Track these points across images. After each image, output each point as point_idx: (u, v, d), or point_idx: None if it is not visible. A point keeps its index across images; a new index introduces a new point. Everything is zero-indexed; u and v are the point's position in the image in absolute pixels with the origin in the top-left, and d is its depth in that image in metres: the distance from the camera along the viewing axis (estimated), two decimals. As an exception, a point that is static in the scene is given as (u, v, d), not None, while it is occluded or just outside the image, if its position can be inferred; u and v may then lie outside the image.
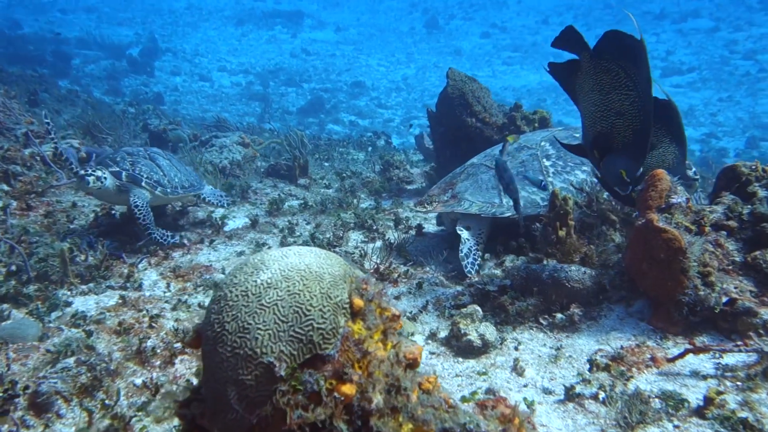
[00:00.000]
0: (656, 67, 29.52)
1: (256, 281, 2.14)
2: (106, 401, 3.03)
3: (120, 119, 9.64)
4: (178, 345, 3.54)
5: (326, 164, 9.12)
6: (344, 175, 8.02)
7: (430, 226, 5.73)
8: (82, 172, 4.69)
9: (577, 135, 4.80)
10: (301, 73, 30.84)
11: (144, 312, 3.98)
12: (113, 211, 5.43)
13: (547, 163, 4.76)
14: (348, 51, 36.33)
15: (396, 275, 4.41)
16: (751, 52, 29.71)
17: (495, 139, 6.40)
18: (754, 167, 3.52)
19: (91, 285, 4.33)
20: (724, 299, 3.15)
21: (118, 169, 4.85)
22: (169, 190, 5.07)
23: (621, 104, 3.22)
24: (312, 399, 1.99)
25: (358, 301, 2.20)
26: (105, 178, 4.75)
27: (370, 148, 11.39)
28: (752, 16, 34.67)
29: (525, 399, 2.97)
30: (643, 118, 3.13)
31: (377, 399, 2.06)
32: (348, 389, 2.00)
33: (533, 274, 3.80)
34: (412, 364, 2.28)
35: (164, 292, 4.38)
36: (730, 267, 3.24)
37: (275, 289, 2.08)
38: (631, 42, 3.10)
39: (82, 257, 4.49)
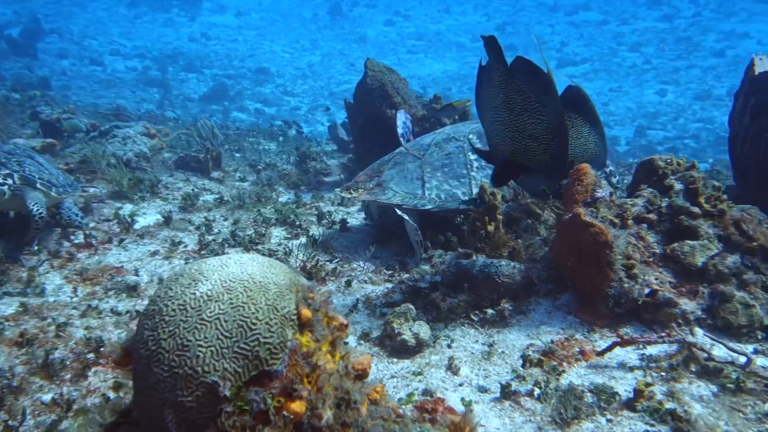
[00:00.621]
0: (552, 57, 30.81)
1: (195, 294, 1.99)
2: (9, 422, 2.76)
3: (3, 107, 8.85)
4: (91, 355, 3.28)
5: (237, 155, 8.81)
6: (258, 167, 7.77)
7: (354, 221, 5.65)
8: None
9: None
10: (202, 58, 29.73)
11: (49, 320, 3.67)
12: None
13: (472, 157, 4.77)
14: (251, 36, 35.40)
15: (323, 273, 4.30)
16: (636, 45, 31.62)
17: (415, 131, 6.39)
18: (669, 161, 3.68)
19: (-15, 292, 3.94)
20: (647, 291, 3.28)
21: (7, 171, 4.40)
22: (61, 190, 4.71)
23: (534, 128, 3.18)
24: (259, 419, 1.88)
25: (306, 312, 2.11)
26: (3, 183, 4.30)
27: (281, 138, 11.13)
28: (637, 10, 36.86)
29: (462, 399, 2.97)
30: (558, 143, 3.13)
31: (327, 415, 1.97)
32: (297, 406, 1.90)
33: (463, 269, 3.81)
34: (361, 375, 2.20)
35: (71, 298, 4.05)
36: (651, 259, 3.38)
37: (217, 302, 1.95)
38: (541, 73, 3.10)
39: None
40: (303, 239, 5.10)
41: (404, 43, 34.56)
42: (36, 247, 4.49)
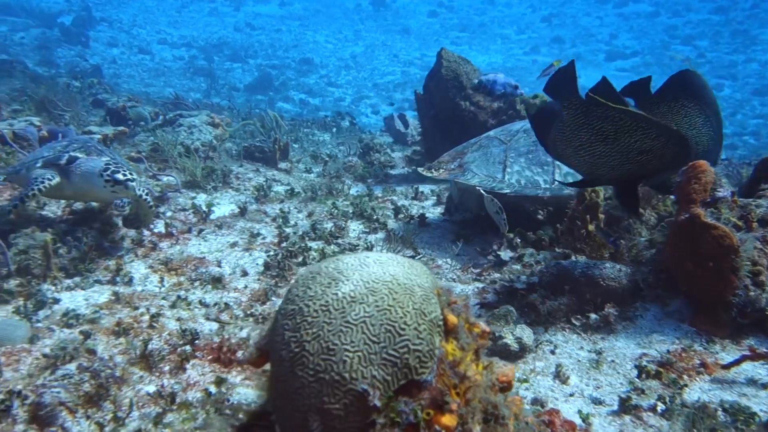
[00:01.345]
0: (600, 50, 30.10)
1: (337, 294, 1.88)
2: (118, 413, 2.71)
3: (70, 95, 8.93)
4: (187, 348, 3.21)
5: (295, 146, 8.73)
6: (320, 158, 7.68)
7: (430, 215, 5.49)
8: (122, 176, 4.06)
9: None
10: (246, 48, 29.84)
11: (141, 310, 3.66)
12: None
13: None
14: (294, 26, 35.39)
15: (409, 271, 4.15)
16: (690, 38, 30.64)
17: (490, 124, 6.21)
18: None
19: (77, 279, 3.93)
20: None
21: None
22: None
23: (641, 144, 3.02)
24: (408, 432, 1.75)
25: (452, 318, 1.97)
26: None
27: (334, 129, 11.03)
28: (690, 2, 35.71)
29: (580, 412, 2.81)
30: (678, 148, 2.97)
31: (476, 430, 1.84)
32: (448, 420, 1.77)
33: (564, 271, 3.63)
34: (505, 388, 2.07)
35: (158, 288, 4.03)
36: (779, 266, 3.16)
37: (361, 304, 1.83)
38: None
39: (65, 249, 4.05)
40: (381, 234, 4.98)
41: (447, 35, 34.12)
42: (120, 236, 4.45)
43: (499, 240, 4.47)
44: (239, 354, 3.24)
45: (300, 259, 4.41)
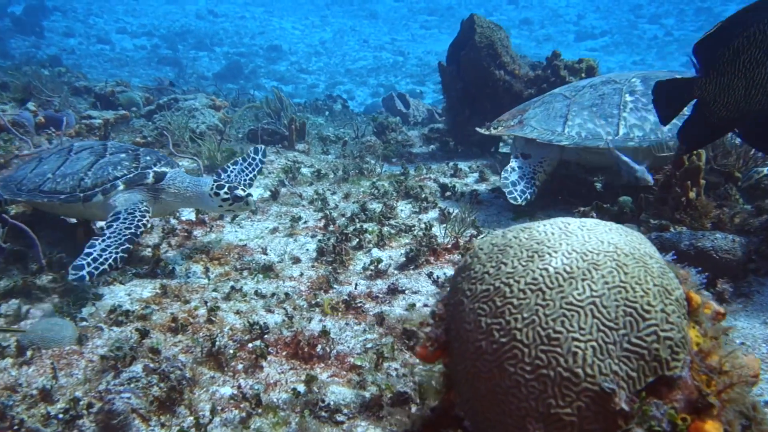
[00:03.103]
0: (569, 31, 30.13)
1: (547, 270, 1.50)
2: (199, 419, 2.28)
3: (53, 81, 8.25)
4: (258, 342, 2.81)
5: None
6: (329, 140, 7.23)
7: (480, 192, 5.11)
8: (242, 191, 3.66)
9: (679, 77, 4.34)
10: (211, 36, 28.94)
11: (195, 303, 3.25)
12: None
13: (629, 98, 4.38)
14: (258, 13, 34.52)
15: (484, 251, 3.77)
16: (656, 16, 30.92)
17: (525, 95, 5.84)
18: None
19: (114, 273, 3.43)
20: None
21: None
22: None
23: None
24: (665, 444, 1.37)
25: (695, 296, 1.60)
26: None
27: (327, 113, 10.56)
28: (652, -18, 36.05)
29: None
30: None
31: (741, 440, 1.47)
32: (712, 428, 1.39)
33: (668, 243, 3.29)
34: (752, 383, 1.69)
35: (204, 279, 3.59)
36: None
37: (584, 280, 1.44)
38: None
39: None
40: (433, 213, 4.58)
41: (416, 19, 33.74)
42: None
43: (569, 215, 4.12)
44: (318, 348, 2.83)
45: (355, 242, 3.99)
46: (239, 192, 3.62)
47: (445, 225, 4.28)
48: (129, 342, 2.69)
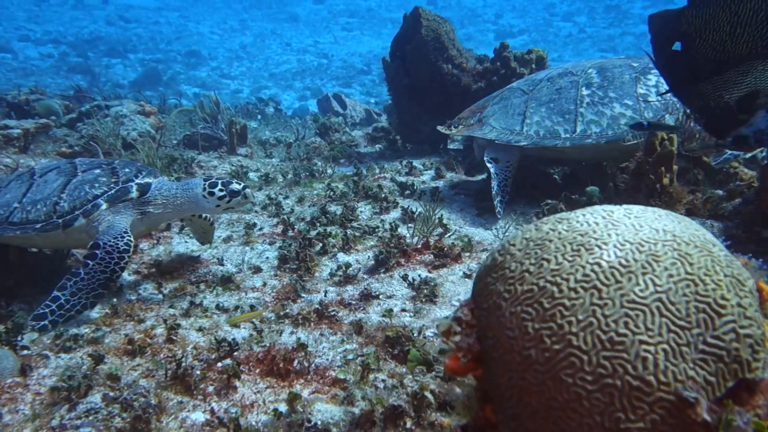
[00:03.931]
0: (488, 30, 30.69)
1: (600, 264, 1.34)
2: None
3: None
4: (229, 361, 2.55)
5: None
6: (269, 143, 6.92)
7: (429, 183, 4.96)
8: (237, 184, 3.34)
9: (635, 65, 4.31)
10: (124, 42, 27.73)
11: (151, 323, 2.95)
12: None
13: (585, 92, 4.30)
14: (173, 18, 33.38)
15: (457, 249, 3.63)
16: (569, 14, 32.01)
17: (474, 88, 5.73)
18: None
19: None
20: None
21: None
22: None
23: None
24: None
25: (765, 287, 1.47)
26: None
27: (259, 116, 10.21)
28: (562, -20, 37.29)
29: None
30: None
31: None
32: None
33: (647, 230, 3.23)
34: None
35: (158, 295, 3.27)
36: None
37: (645, 274, 1.29)
38: None
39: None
40: (395, 213, 4.39)
41: (337, 21, 33.56)
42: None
43: (535, 209, 4.04)
44: (296, 363, 2.59)
45: (319, 247, 3.76)
46: (235, 186, 3.31)
47: (410, 225, 4.11)
48: (81, 369, 2.39)
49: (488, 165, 4.40)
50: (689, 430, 1.16)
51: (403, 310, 3.07)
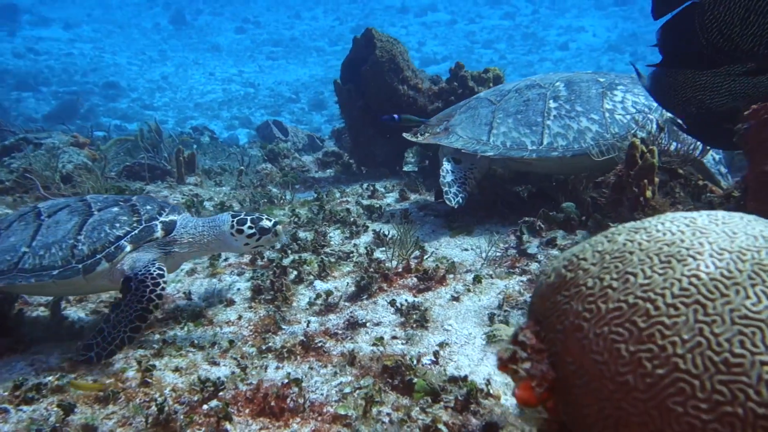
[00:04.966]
0: (413, 58, 31.17)
1: (698, 276, 1.25)
2: None
3: None
4: (215, 402, 2.33)
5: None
6: (213, 172, 6.63)
7: (394, 206, 4.83)
8: (267, 221, 3.10)
9: (602, 80, 4.35)
10: (35, 74, 26.38)
11: (120, 365, 2.69)
12: None
13: (553, 105, 4.32)
14: (87, 49, 32.09)
15: (442, 271, 3.49)
16: (489, 42, 33.03)
17: (430, 109, 5.67)
18: None
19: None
20: None
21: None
22: None
23: None
24: None
25: None
26: None
27: (195, 146, 9.86)
28: (480, 10, 38.58)
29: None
30: None
31: None
32: None
33: (635, 242, 3.21)
34: None
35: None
36: None
37: (754, 286, 1.21)
38: None
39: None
40: (367, 237, 4.22)
41: (261, 50, 33.25)
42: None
43: (511, 228, 3.99)
44: (289, 400, 2.39)
45: (294, 275, 3.56)
46: (265, 223, 3.08)
47: (383, 248, 3.96)
48: (48, 422, 2.16)
49: (445, 163, 4.43)
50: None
51: (394, 337, 2.91)
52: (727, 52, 2.70)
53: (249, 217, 3.09)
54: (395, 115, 5.06)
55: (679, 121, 3.29)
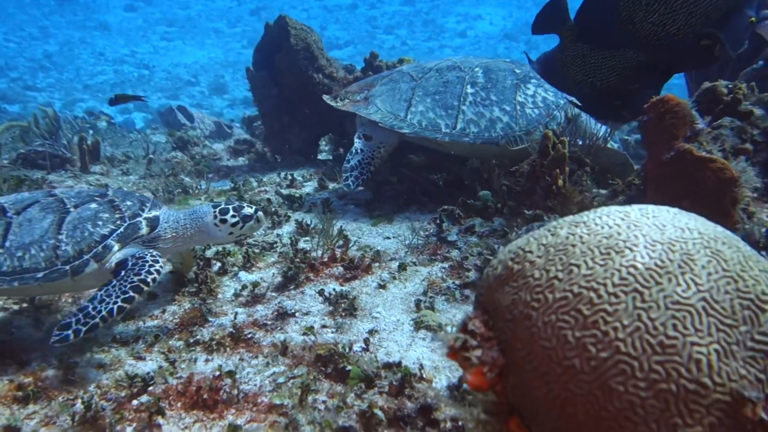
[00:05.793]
0: (314, 42, 30.91)
1: (635, 267, 1.41)
2: None
3: None
4: (145, 398, 2.34)
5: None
6: (117, 160, 6.35)
7: (314, 195, 4.85)
8: (249, 208, 3.13)
9: (518, 71, 4.53)
10: None
11: (39, 363, 2.60)
12: None
13: (470, 90, 4.49)
14: (-47, 25, 29.48)
15: (367, 260, 3.56)
16: (390, 27, 33.28)
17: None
18: (734, 87, 3.51)
19: None
20: (764, 230, 3.17)
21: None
22: None
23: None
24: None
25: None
26: None
27: (91, 131, 9.34)
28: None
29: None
30: None
31: None
32: None
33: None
34: None
35: (37, 332, 2.92)
36: (755, 194, 3.30)
37: (684, 274, 1.36)
38: None
39: None
40: (289, 227, 4.22)
41: (155, 30, 31.77)
42: None
43: (431, 216, 4.12)
44: (222, 392, 2.41)
45: (217, 267, 3.52)
46: (247, 210, 3.08)
47: (307, 238, 3.98)
48: None
49: (356, 141, 4.54)
50: (744, 430, 1.19)
51: (324, 326, 2.96)
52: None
53: (230, 206, 3.09)
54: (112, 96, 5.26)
55: (573, 99, 3.51)
